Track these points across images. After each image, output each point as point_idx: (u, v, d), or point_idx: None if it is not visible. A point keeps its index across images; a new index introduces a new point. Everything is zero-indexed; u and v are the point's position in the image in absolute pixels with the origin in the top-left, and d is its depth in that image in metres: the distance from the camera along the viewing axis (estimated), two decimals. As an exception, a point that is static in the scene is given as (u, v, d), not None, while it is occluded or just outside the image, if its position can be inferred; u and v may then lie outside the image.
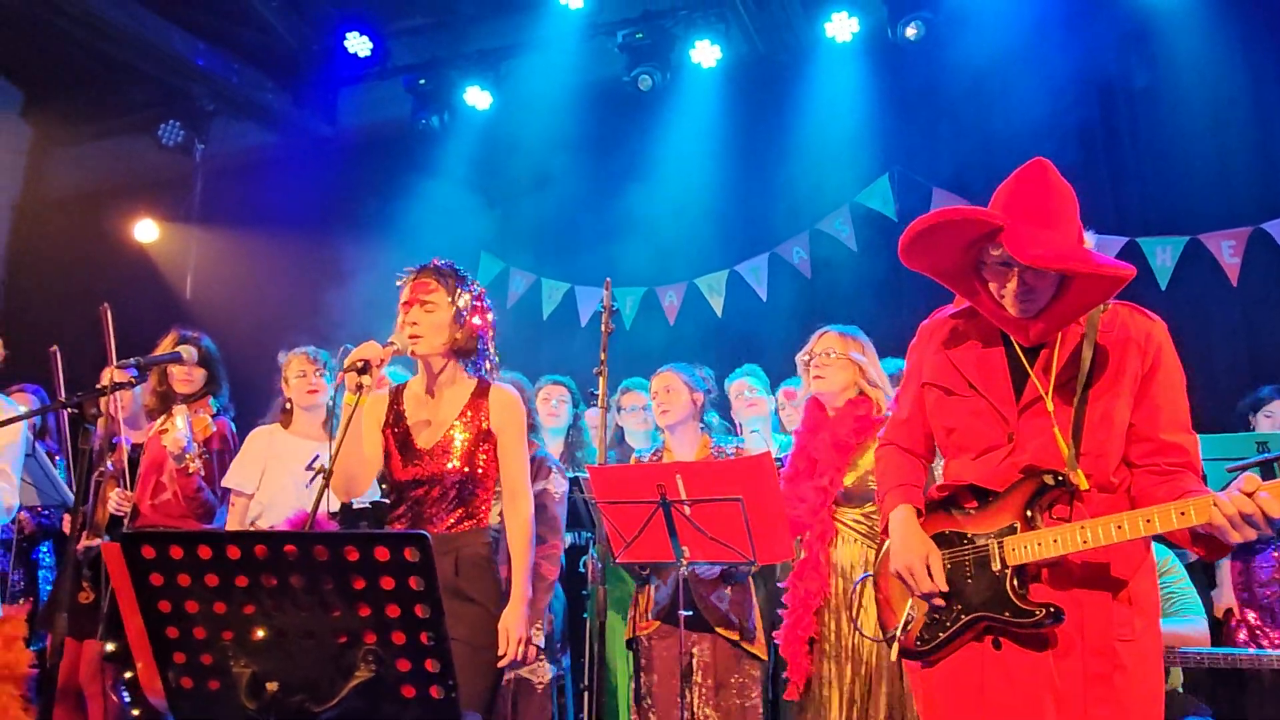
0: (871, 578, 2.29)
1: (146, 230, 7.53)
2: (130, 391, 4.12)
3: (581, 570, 4.02)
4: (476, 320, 2.71)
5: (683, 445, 3.67)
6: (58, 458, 4.45)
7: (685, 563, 2.99)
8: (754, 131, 6.28)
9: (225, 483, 3.85)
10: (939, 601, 2.05)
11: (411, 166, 6.95)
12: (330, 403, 2.96)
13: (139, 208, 7.58)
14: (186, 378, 4.04)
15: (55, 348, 4.14)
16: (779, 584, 3.39)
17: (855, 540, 3.13)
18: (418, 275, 2.68)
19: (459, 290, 2.67)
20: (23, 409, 3.04)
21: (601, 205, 6.47)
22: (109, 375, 3.01)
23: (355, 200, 7.20)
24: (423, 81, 6.84)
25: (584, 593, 3.93)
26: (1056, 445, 1.96)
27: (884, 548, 2.24)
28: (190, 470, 3.56)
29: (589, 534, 3.96)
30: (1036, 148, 2.35)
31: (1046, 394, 1.99)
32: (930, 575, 2.04)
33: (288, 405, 3.93)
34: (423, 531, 1.66)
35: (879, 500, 2.26)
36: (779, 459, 3.42)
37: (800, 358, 3.36)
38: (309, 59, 7.21)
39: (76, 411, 2.64)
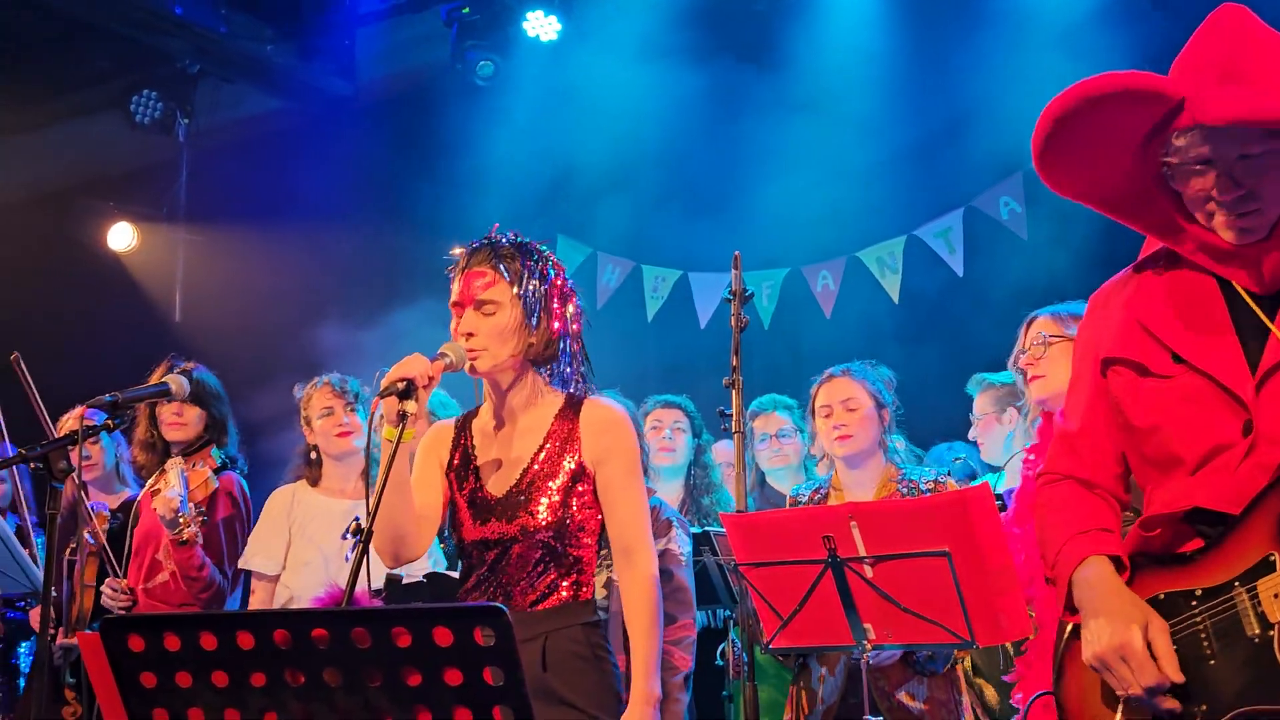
0: (1053, 695, 2.13)
1: (121, 235, 7.89)
2: (98, 444, 4.29)
3: (719, 663, 4.00)
4: (556, 307, 2.72)
5: (860, 482, 3.64)
6: (35, 530, 4.66)
7: (870, 647, 2.91)
8: (937, 30, 6.19)
9: (243, 563, 3.98)
10: (1170, 704, 1.89)
11: (457, 127, 7.12)
12: (366, 443, 3.04)
13: (111, 207, 7.96)
14: (177, 419, 4.18)
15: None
16: (1003, 678, 3.29)
17: None
18: (469, 263, 2.70)
19: (526, 275, 2.68)
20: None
21: (722, 159, 6.48)
22: (76, 418, 3.15)
23: (386, 178, 7.41)
24: (467, 10, 7.03)
25: (723, 694, 3.92)
26: None
27: (1063, 638, 2.10)
28: (185, 538, 3.68)
29: (727, 611, 3.93)
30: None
31: None
32: (1154, 656, 1.89)
33: (313, 455, 4.05)
34: (497, 604, 1.66)
35: (1048, 564, 2.13)
36: (1000, 495, 3.36)
37: (1013, 363, 3.28)
38: (316, -5, 7.46)
39: (41, 467, 2.77)
